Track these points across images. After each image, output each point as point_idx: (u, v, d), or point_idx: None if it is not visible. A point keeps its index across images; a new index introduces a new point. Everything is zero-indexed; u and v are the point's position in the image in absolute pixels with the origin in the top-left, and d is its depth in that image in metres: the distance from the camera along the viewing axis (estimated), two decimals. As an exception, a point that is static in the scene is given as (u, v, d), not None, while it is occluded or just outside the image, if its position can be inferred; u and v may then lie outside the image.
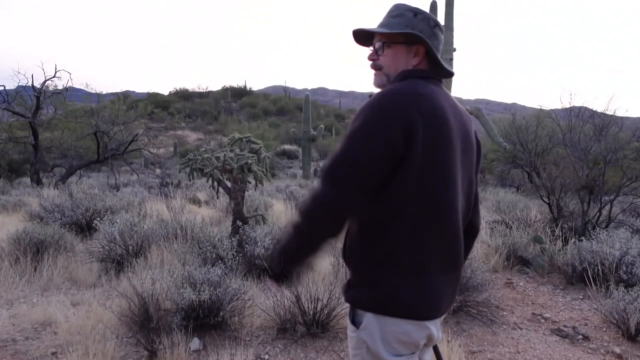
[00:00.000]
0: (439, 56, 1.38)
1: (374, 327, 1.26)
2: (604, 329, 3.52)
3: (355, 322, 1.31)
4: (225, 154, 4.94)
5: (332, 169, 1.24)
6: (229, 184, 5.13)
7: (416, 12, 1.36)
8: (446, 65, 1.40)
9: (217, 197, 7.90)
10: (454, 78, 8.76)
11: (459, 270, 1.36)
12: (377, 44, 1.39)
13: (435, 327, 1.31)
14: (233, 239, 4.45)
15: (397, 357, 1.27)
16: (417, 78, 1.33)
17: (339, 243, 1.42)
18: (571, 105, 6.40)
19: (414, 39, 1.34)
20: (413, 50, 1.36)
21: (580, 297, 4.22)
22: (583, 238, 4.73)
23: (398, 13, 1.37)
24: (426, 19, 1.36)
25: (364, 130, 1.22)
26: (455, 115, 1.31)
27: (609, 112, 6.23)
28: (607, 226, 5.60)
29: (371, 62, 1.42)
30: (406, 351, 1.28)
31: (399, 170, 1.22)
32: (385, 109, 1.22)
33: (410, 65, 1.36)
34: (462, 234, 1.33)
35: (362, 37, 1.45)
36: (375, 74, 1.42)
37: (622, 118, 6.47)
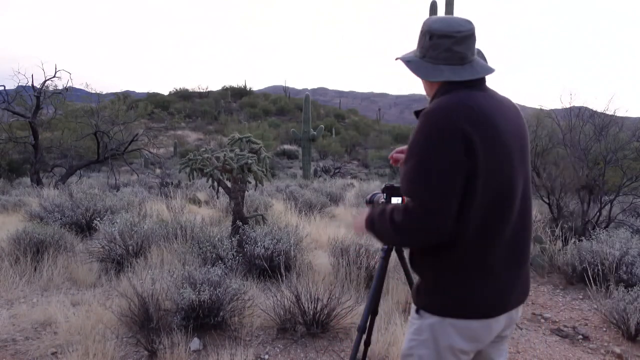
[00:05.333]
0: (462, 62, 1.39)
1: (440, 323, 1.36)
2: (604, 329, 3.52)
3: (420, 313, 1.42)
4: (225, 154, 4.94)
5: (419, 197, 1.28)
6: (229, 184, 5.13)
7: (426, 33, 1.42)
8: (474, 72, 1.38)
9: (217, 197, 7.89)
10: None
11: (525, 265, 1.44)
12: None
13: (498, 322, 1.39)
14: (233, 239, 4.45)
15: (461, 352, 1.38)
16: (456, 90, 1.37)
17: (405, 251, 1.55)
18: (571, 105, 6.38)
19: None
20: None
21: (580, 297, 4.22)
22: (583, 238, 4.73)
23: (418, 39, 1.46)
24: (434, 45, 1.41)
25: (430, 155, 1.27)
26: (505, 116, 1.36)
27: (609, 112, 6.22)
28: (607, 226, 5.60)
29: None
30: (469, 347, 1.38)
31: (467, 184, 1.27)
32: (442, 126, 1.27)
33: (442, 83, 1.42)
34: (526, 230, 1.40)
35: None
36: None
37: (622, 118, 6.45)
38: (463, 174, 1.25)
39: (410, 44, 1.58)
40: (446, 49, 1.37)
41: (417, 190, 1.29)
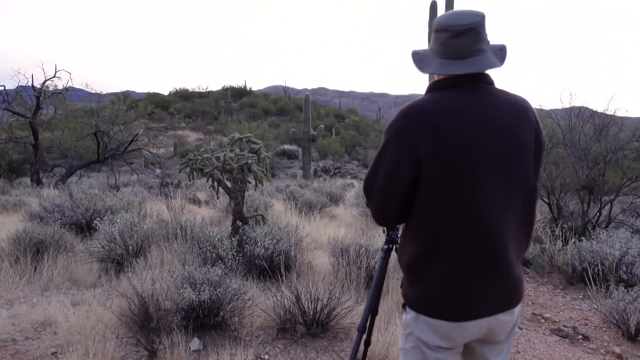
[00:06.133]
0: (454, 56, 1.36)
1: (415, 318, 1.41)
2: (604, 329, 3.52)
3: (405, 307, 1.48)
4: (225, 154, 4.94)
5: (365, 187, 1.46)
6: (229, 184, 5.13)
7: (434, 28, 1.43)
8: (463, 68, 1.34)
9: (217, 197, 7.89)
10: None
11: (503, 276, 1.35)
12: None
13: (475, 325, 1.36)
14: (233, 239, 4.45)
15: (437, 347, 1.39)
16: (436, 90, 1.38)
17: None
18: (571, 105, 6.39)
19: None
20: None
21: (580, 297, 4.22)
22: (583, 238, 4.73)
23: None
24: (434, 32, 1.41)
25: (382, 153, 1.39)
26: (485, 120, 1.30)
27: (609, 112, 6.22)
28: (607, 226, 5.60)
29: None
30: (444, 344, 1.38)
31: (418, 185, 1.33)
32: (396, 131, 1.34)
33: (435, 76, 1.44)
34: (502, 240, 1.33)
35: None
36: None
37: (622, 118, 6.45)
38: (405, 178, 1.33)
39: (410, 44, 1.58)
40: (442, 42, 1.35)
41: (366, 178, 1.44)
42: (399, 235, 2.13)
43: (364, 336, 2.08)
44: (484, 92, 1.35)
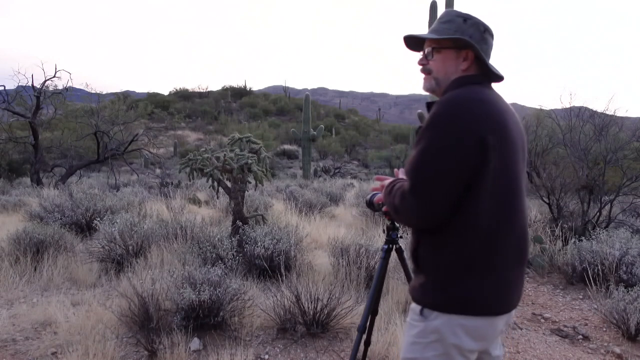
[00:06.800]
0: (488, 61, 1.41)
1: (447, 323, 1.33)
2: (604, 329, 3.52)
3: (424, 313, 1.37)
4: (225, 154, 4.94)
5: (414, 185, 1.29)
6: (229, 184, 5.13)
7: (466, 17, 1.41)
8: (495, 70, 1.42)
9: (217, 197, 7.89)
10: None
11: (525, 264, 1.43)
12: (427, 49, 1.45)
13: (503, 320, 1.39)
14: (233, 239, 4.45)
15: (469, 351, 1.36)
16: (472, 84, 1.37)
17: (408, 249, 1.53)
18: (571, 105, 6.39)
19: (463, 44, 1.39)
20: (462, 55, 1.40)
21: (580, 297, 4.22)
22: (583, 238, 4.73)
23: (448, 19, 1.42)
24: (476, 24, 1.40)
25: (438, 145, 1.26)
26: (512, 117, 1.36)
27: (609, 112, 6.22)
28: (607, 226, 5.60)
29: (421, 66, 1.48)
30: (476, 346, 1.35)
31: (475, 180, 1.26)
32: (457, 119, 1.26)
33: (459, 70, 1.40)
34: (526, 230, 1.40)
35: (413, 43, 1.51)
36: (424, 78, 1.48)
37: (622, 118, 6.46)
38: (468, 169, 1.25)
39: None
40: (487, 41, 1.43)
41: (415, 174, 1.29)
42: (399, 236, 2.13)
43: (364, 336, 2.09)
44: (497, 93, 1.43)
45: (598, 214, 5.71)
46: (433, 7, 10.29)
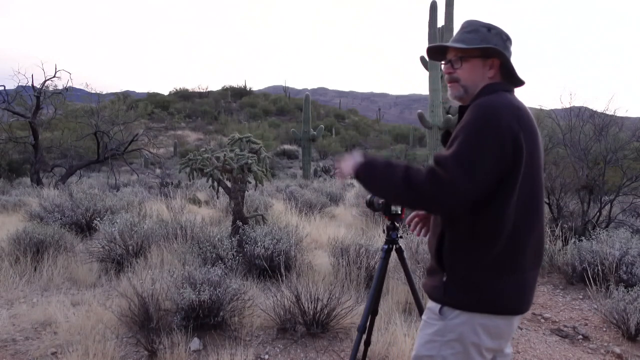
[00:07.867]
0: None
1: (468, 321, 1.36)
2: (604, 329, 3.52)
3: (443, 312, 1.39)
4: (225, 154, 4.94)
5: (460, 154, 1.28)
6: (229, 184, 5.13)
7: (490, 27, 1.47)
8: (519, 76, 1.49)
9: (217, 197, 7.89)
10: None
11: (540, 265, 1.49)
12: (454, 58, 1.49)
13: (519, 320, 1.46)
14: (233, 239, 4.45)
15: (488, 350, 1.40)
16: (502, 91, 1.42)
17: (430, 250, 1.52)
18: (571, 105, 6.39)
19: (490, 53, 1.45)
20: (489, 63, 1.46)
21: (580, 297, 4.22)
22: (583, 238, 4.73)
23: (473, 29, 1.47)
24: (499, 33, 1.46)
25: (481, 135, 1.29)
26: (535, 123, 1.41)
27: (609, 112, 6.23)
28: (607, 226, 5.60)
29: (447, 75, 1.52)
30: (494, 345, 1.39)
31: (507, 179, 1.31)
32: (497, 121, 1.30)
33: (486, 77, 1.46)
34: (543, 231, 1.46)
35: (435, 52, 1.57)
36: (451, 86, 1.52)
37: (622, 118, 6.46)
38: (501, 170, 1.29)
39: (410, 44, 1.60)
40: (509, 50, 1.49)
41: (455, 162, 1.27)
42: (399, 236, 2.14)
43: (364, 336, 2.09)
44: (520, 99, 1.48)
45: (598, 214, 5.72)
46: (433, 7, 10.28)
